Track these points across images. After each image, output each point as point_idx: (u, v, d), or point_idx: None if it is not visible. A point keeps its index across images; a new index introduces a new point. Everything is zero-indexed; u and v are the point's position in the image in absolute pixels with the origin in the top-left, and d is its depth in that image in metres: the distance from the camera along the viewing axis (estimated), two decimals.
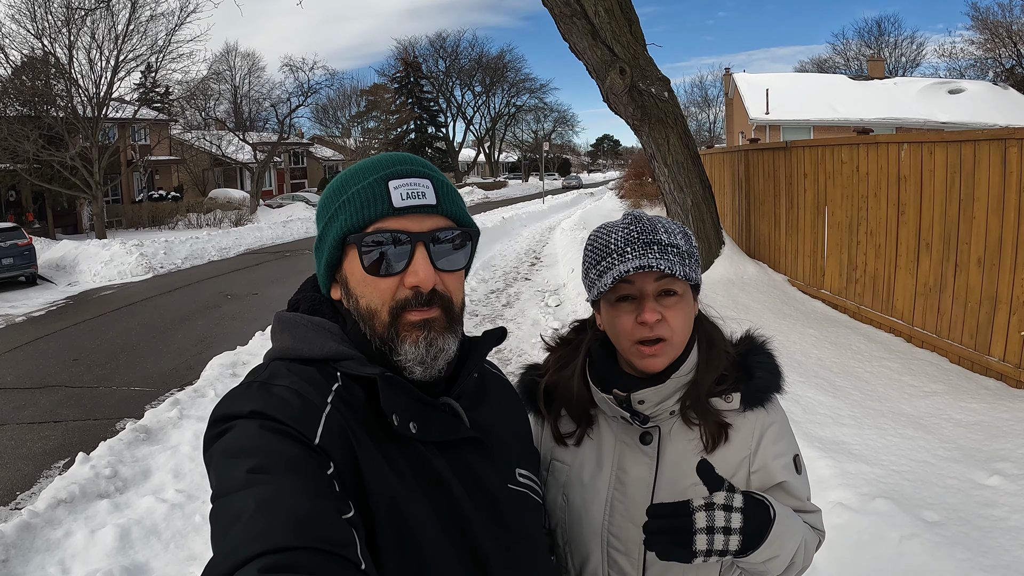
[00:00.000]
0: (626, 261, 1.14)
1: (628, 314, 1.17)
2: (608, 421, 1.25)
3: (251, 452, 0.80)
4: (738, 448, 1.20)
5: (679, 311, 1.16)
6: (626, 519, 1.20)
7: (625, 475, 1.21)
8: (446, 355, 0.96)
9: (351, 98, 53.57)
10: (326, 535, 0.73)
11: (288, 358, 0.96)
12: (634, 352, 1.17)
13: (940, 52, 49.43)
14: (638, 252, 1.14)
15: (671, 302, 1.16)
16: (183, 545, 3.81)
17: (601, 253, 1.18)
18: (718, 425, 1.19)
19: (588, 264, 1.21)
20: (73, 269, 16.37)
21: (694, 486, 1.17)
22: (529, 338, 7.60)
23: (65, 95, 22.93)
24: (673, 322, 1.15)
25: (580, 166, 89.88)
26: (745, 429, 1.20)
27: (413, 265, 0.93)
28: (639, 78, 7.94)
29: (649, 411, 1.19)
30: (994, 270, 4.89)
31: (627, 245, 1.15)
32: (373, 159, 1.00)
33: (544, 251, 15.66)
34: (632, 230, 1.17)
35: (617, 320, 1.18)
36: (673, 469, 1.19)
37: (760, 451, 1.20)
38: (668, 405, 1.19)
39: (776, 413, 1.23)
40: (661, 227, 1.17)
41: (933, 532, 3.01)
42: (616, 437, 1.24)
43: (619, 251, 1.15)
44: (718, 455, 1.19)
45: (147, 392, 6.98)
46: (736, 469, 1.19)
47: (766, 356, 1.25)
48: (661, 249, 1.14)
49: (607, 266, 1.16)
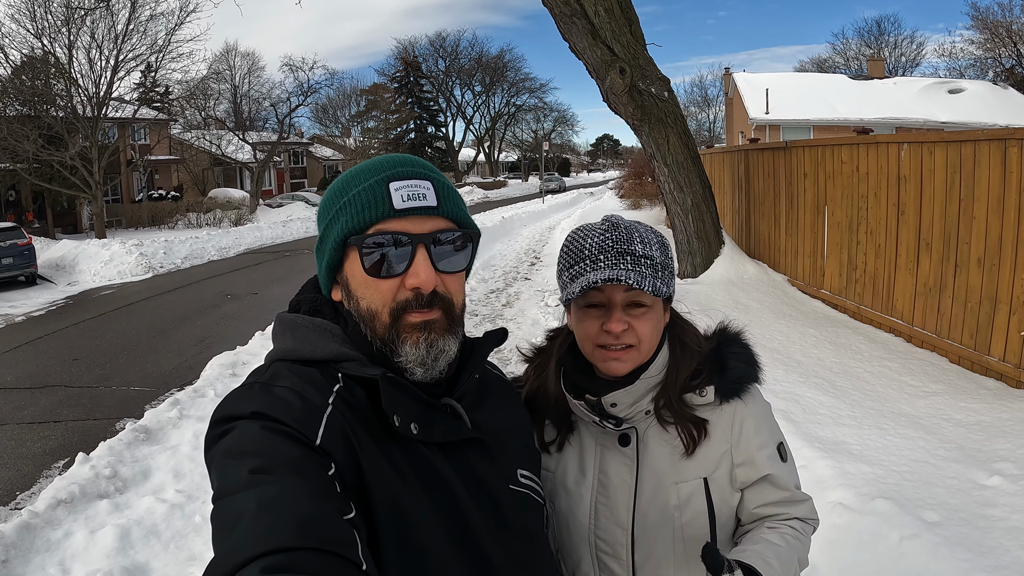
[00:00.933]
0: (597, 270, 1.13)
1: (595, 320, 1.17)
2: (587, 426, 1.25)
3: (253, 453, 0.80)
4: (718, 442, 1.19)
5: (646, 321, 1.16)
6: (611, 522, 1.20)
7: (607, 478, 1.21)
8: (447, 356, 0.96)
9: (351, 98, 53.58)
10: (328, 536, 0.73)
11: (289, 359, 0.96)
12: (597, 355, 1.18)
13: (940, 52, 49.42)
14: (610, 262, 1.14)
15: (639, 312, 1.16)
16: (183, 545, 3.81)
17: (575, 257, 1.18)
18: (693, 422, 1.19)
19: (562, 266, 1.22)
20: (73, 269, 16.37)
21: (675, 485, 1.18)
22: (529, 338, 7.57)
23: (65, 95, 22.93)
24: (640, 331, 1.15)
25: (580, 165, 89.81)
26: (723, 422, 1.20)
27: (414, 267, 0.93)
28: (639, 78, 7.94)
29: (623, 413, 1.19)
30: (994, 270, 4.89)
31: (601, 252, 1.15)
32: (374, 161, 1.00)
33: (544, 251, 15.66)
34: (608, 237, 1.16)
35: (582, 324, 1.19)
36: (654, 470, 1.19)
37: (742, 443, 1.19)
38: (642, 406, 1.19)
39: (755, 403, 1.23)
40: (638, 236, 1.17)
41: (933, 532, 3.01)
42: (596, 441, 1.24)
43: (592, 258, 1.15)
44: (699, 452, 1.19)
45: (147, 392, 6.98)
46: (718, 464, 1.19)
47: (740, 347, 1.25)
48: (635, 260, 1.14)
49: (578, 271, 1.16)
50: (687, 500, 1.18)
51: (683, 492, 1.18)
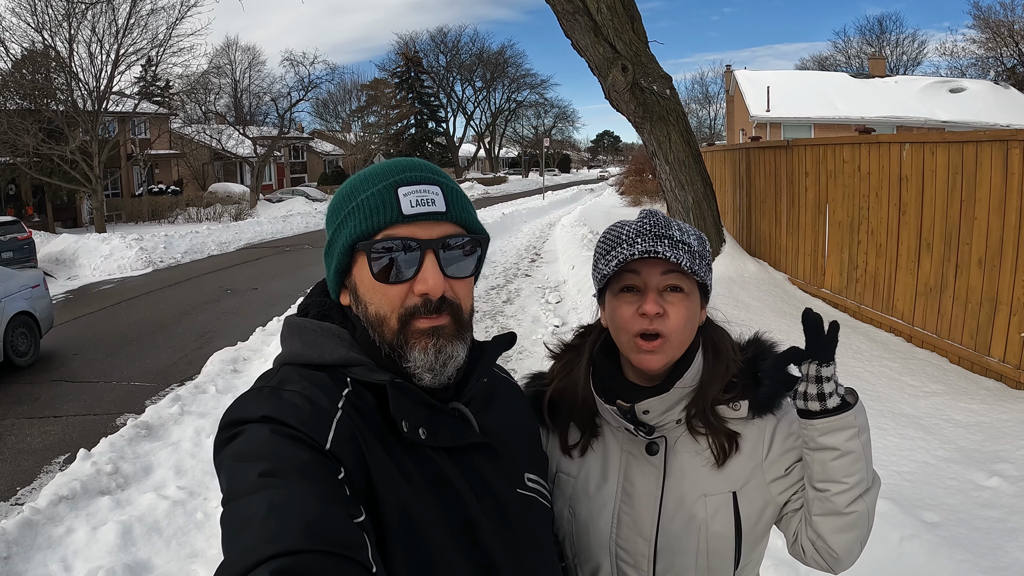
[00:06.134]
0: (634, 247, 1.12)
1: (630, 305, 1.14)
2: (613, 431, 1.22)
3: (262, 456, 0.80)
4: (748, 456, 1.17)
5: (682, 308, 1.13)
6: (633, 532, 1.18)
7: (632, 487, 1.19)
8: (455, 362, 0.96)
9: (351, 93, 53.41)
10: (337, 538, 0.73)
11: (298, 363, 0.96)
12: (631, 346, 1.14)
13: (941, 51, 49.49)
14: (648, 242, 1.12)
15: (675, 298, 1.13)
16: (185, 542, 3.82)
17: (612, 243, 1.16)
18: (727, 435, 1.16)
19: (598, 255, 1.19)
20: (73, 263, 16.35)
21: (703, 498, 1.15)
22: (530, 335, 7.60)
23: (65, 89, 22.89)
24: (674, 319, 1.12)
25: (580, 162, 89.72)
26: (754, 436, 1.18)
27: (422, 272, 0.93)
28: (641, 75, 7.93)
29: (654, 421, 1.16)
30: (995, 271, 4.89)
31: (638, 236, 1.13)
32: (382, 165, 1.00)
33: (544, 247, 15.66)
34: (645, 224, 1.15)
35: (618, 311, 1.15)
36: (680, 480, 1.17)
37: (774, 457, 1.18)
38: (674, 414, 1.17)
39: (786, 418, 1.20)
40: (675, 225, 1.16)
41: (933, 533, 3.02)
42: (622, 448, 1.21)
43: (629, 241, 1.13)
44: (728, 465, 1.16)
45: (147, 387, 6.99)
46: (748, 478, 1.17)
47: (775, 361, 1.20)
48: (672, 243, 1.12)
49: (615, 255, 1.14)
50: (714, 514, 1.16)
51: (711, 505, 1.15)
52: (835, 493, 1.10)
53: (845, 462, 1.09)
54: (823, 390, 1.08)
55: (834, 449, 1.08)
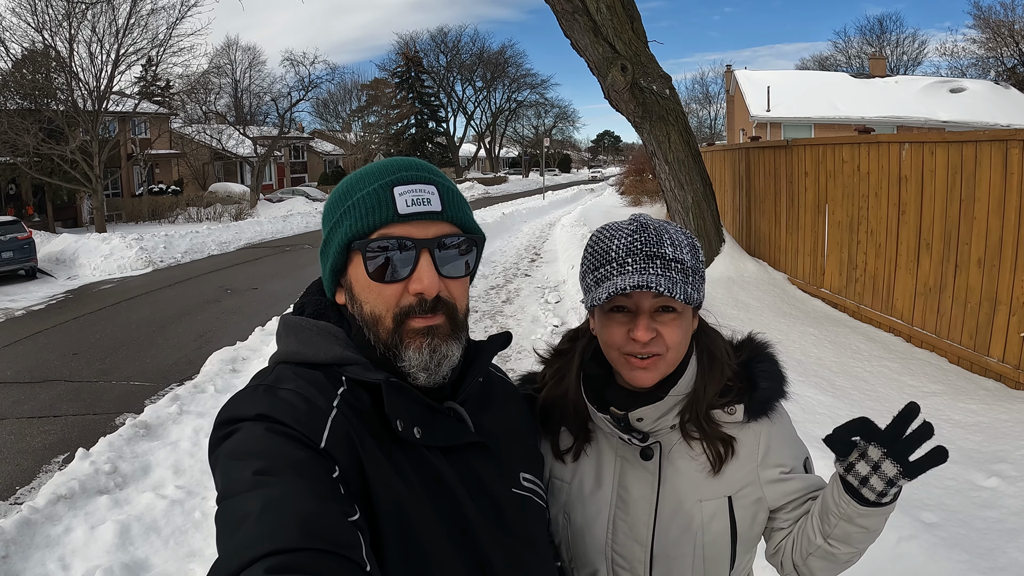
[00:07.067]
0: (624, 275, 1.07)
1: (620, 326, 1.11)
2: (607, 436, 1.21)
3: (257, 454, 0.80)
4: (744, 460, 1.16)
5: (676, 328, 1.10)
6: (629, 538, 1.17)
7: (627, 493, 1.18)
8: (450, 362, 0.96)
9: (352, 92, 53.45)
10: (331, 537, 0.73)
11: (294, 362, 0.96)
12: (623, 363, 1.12)
13: (941, 51, 49.49)
14: (639, 266, 1.07)
15: (668, 319, 1.10)
16: (183, 541, 3.82)
17: (601, 259, 1.11)
18: (722, 440, 1.15)
19: (586, 267, 1.15)
20: (73, 263, 16.36)
21: (699, 503, 1.15)
22: (529, 335, 7.60)
23: (65, 88, 22.88)
24: (669, 339, 1.09)
25: (580, 162, 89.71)
26: (749, 440, 1.16)
27: (418, 272, 0.93)
28: (640, 75, 7.93)
29: (648, 428, 1.15)
30: (994, 271, 4.89)
31: (628, 256, 1.09)
32: (378, 164, 1.00)
33: (544, 247, 15.64)
34: (636, 239, 1.10)
35: (607, 330, 1.12)
36: (676, 485, 1.16)
37: (770, 462, 1.17)
38: (668, 420, 1.15)
39: (781, 421, 1.19)
40: (668, 238, 1.10)
41: (931, 533, 3.01)
42: (616, 453, 1.20)
43: (619, 260, 1.09)
44: (724, 469, 1.15)
45: (147, 387, 6.99)
46: (743, 482, 1.16)
47: (770, 363, 1.20)
48: (664, 264, 1.07)
49: (604, 275, 1.10)
50: (710, 518, 1.14)
51: (707, 510, 1.14)
52: (844, 552, 1.10)
53: (868, 536, 1.08)
54: (886, 489, 1.01)
55: (865, 529, 1.06)
